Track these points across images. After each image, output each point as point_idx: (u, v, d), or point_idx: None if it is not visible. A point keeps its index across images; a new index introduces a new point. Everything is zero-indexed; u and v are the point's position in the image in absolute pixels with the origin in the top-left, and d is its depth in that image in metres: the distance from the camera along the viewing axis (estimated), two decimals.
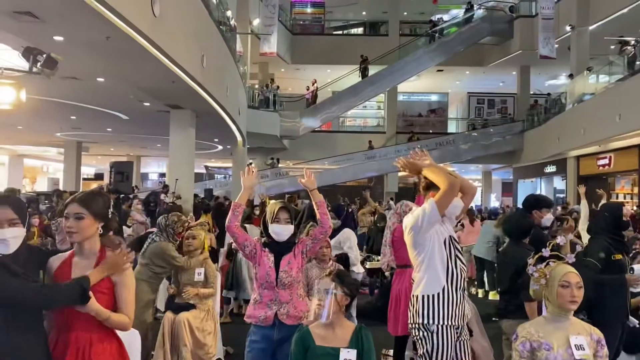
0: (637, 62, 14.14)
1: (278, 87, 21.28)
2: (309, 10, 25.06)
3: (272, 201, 3.61)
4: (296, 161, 23.22)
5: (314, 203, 3.32)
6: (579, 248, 2.53)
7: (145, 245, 4.88)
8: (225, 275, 6.98)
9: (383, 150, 22.33)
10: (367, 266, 8.22)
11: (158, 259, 4.71)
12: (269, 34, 18.71)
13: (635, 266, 4.01)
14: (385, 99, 25.18)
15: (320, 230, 3.27)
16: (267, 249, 3.21)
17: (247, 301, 6.54)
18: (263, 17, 18.98)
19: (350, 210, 11.30)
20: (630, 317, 4.13)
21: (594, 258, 3.96)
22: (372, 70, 21.85)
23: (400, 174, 20.39)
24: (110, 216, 2.48)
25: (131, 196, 10.61)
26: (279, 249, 3.20)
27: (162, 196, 11.38)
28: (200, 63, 9.34)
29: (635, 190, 16.16)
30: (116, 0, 5.51)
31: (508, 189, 26.96)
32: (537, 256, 2.54)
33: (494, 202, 26.83)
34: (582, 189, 7.95)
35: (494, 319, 6.02)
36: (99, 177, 29.22)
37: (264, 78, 22.23)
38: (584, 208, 7.68)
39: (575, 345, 2.42)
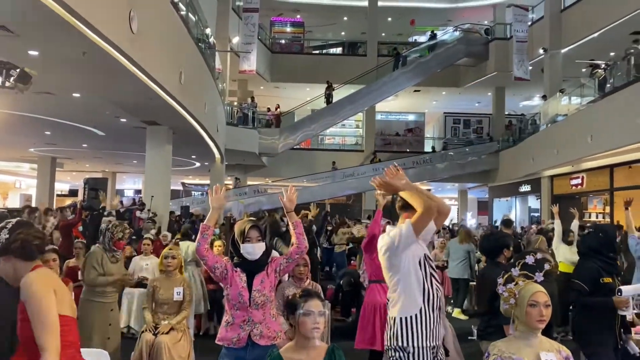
0: (608, 85, 14.49)
1: (278, 106, 21.30)
2: (288, 29, 25.29)
3: (240, 220, 3.55)
4: (275, 178, 23.20)
5: (290, 223, 3.27)
6: (547, 267, 2.56)
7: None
8: None
9: (361, 168, 22.46)
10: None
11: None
12: (248, 52, 18.82)
13: (623, 288, 3.87)
14: (364, 117, 25.42)
15: (295, 250, 3.23)
16: (238, 269, 3.15)
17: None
18: (242, 35, 19.10)
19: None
20: (631, 343, 4.01)
21: (581, 280, 3.93)
22: (352, 89, 22.06)
23: (377, 192, 20.49)
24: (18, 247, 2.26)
25: (105, 213, 10.43)
26: (251, 268, 3.15)
27: (138, 213, 11.25)
28: (178, 80, 9.33)
29: (607, 209, 16.49)
30: (93, 16, 5.49)
31: (484, 207, 27.28)
32: (506, 276, 2.57)
33: (470, 221, 27.10)
34: (555, 209, 8.10)
35: (469, 337, 6.07)
36: (73, 193, 28.73)
37: (243, 95, 22.28)
38: (557, 227, 7.82)
39: None
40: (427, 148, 26.51)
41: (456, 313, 8.60)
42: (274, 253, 4.21)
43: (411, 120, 28.70)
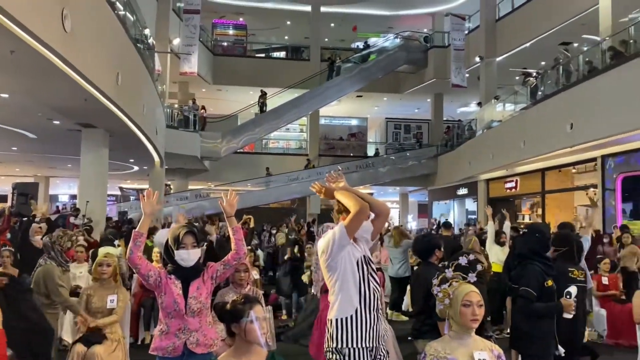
0: (539, 92, 15.21)
1: (204, 107, 20.95)
2: (231, 32, 25.05)
3: (174, 225, 3.46)
4: (217, 183, 22.86)
5: (229, 228, 3.22)
6: (479, 267, 2.65)
7: (34, 272, 4.60)
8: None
9: (306, 172, 22.51)
10: None
11: (42, 286, 4.44)
12: (189, 54, 18.48)
13: (572, 289, 3.80)
14: (308, 122, 25.52)
15: (234, 256, 3.17)
16: (173, 276, 3.06)
17: None
18: (183, 37, 18.74)
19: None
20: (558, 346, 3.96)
21: (529, 286, 3.80)
22: (295, 93, 22.09)
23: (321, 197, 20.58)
24: None
25: (37, 219, 9.93)
26: (186, 275, 3.07)
27: (72, 219, 10.80)
28: (115, 81, 9.04)
29: (539, 211, 17.27)
30: (22, 13, 5.23)
31: (424, 210, 27.97)
32: (440, 277, 2.64)
33: (411, 223, 27.70)
34: (489, 210, 8.39)
35: (409, 338, 6.17)
36: (1, 199, 27.22)
37: (184, 98, 21.85)
38: (490, 228, 8.12)
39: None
40: (370, 152, 26.92)
41: (396, 315, 8.73)
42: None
43: (354, 125, 29.08)
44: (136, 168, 19.12)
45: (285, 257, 8.72)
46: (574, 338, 4.23)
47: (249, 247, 6.69)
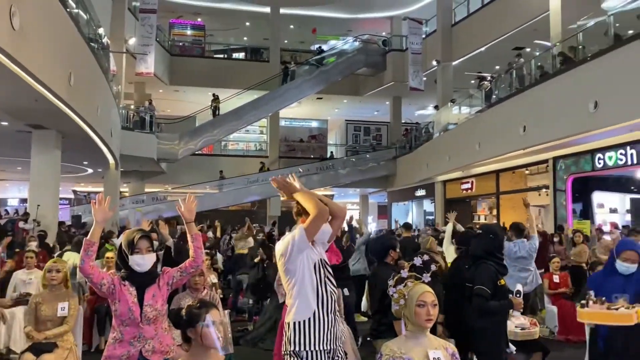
0: (493, 96, 15.60)
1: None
2: (188, 32, 24.71)
3: (128, 230, 3.36)
4: (175, 185, 22.48)
5: (189, 235, 3.14)
6: (434, 267, 2.69)
7: None
8: None
9: (266, 174, 22.40)
10: None
11: None
12: (145, 54, 18.12)
13: (520, 288, 3.98)
14: (268, 123, 25.43)
15: (192, 264, 3.11)
16: (127, 283, 2.98)
17: None
18: (139, 37, 18.37)
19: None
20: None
21: (484, 285, 3.90)
22: (255, 94, 21.97)
23: (282, 197, 20.53)
24: None
25: None
26: (141, 281, 3.00)
27: (21, 224, 10.41)
28: (67, 81, 8.77)
29: (495, 212, 17.71)
30: None
31: (383, 211, 28.27)
32: (396, 277, 2.67)
33: (371, 224, 27.94)
34: (452, 215, 8.52)
35: (368, 338, 6.22)
36: None
37: (141, 99, 21.41)
38: (448, 229, 8.27)
39: (434, 358, 2.57)
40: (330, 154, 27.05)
41: (355, 316, 8.77)
42: None
43: (314, 127, 29.15)
44: (90, 170, 18.61)
45: (256, 260, 8.61)
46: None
47: (206, 251, 6.60)
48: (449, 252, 7.81)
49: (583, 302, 3.52)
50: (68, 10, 9.03)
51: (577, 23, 13.41)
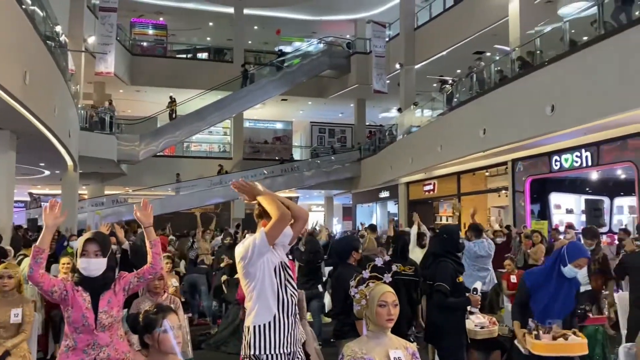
0: (455, 99, 15.89)
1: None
2: (150, 31, 24.28)
3: (86, 233, 3.26)
4: (136, 187, 22.03)
5: (147, 241, 3.07)
6: (394, 268, 2.71)
7: None
8: None
9: (229, 176, 22.19)
10: None
11: None
12: (105, 53, 17.71)
13: (478, 285, 4.14)
14: (232, 125, 25.21)
15: (150, 270, 3.04)
16: (80, 288, 2.88)
17: None
18: (99, 35, 17.95)
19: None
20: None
21: (444, 282, 4.06)
22: (218, 95, 21.76)
23: (244, 200, 20.36)
24: None
25: None
26: (95, 286, 2.90)
27: None
28: (22, 80, 8.48)
29: (457, 213, 18.00)
30: None
31: (348, 213, 28.41)
32: (358, 278, 2.68)
33: (336, 226, 28.06)
34: (416, 217, 8.64)
35: (332, 340, 6.23)
36: None
37: (100, 99, 20.91)
38: (413, 231, 8.38)
39: (394, 358, 2.59)
40: (295, 156, 27.01)
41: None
42: None
43: (279, 129, 29.07)
44: (47, 172, 18.06)
45: (222, 265, 8.52)
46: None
47: (168, 254, 6.50)
48: (414, 255, 7.93)
49: (535, 332, 3.54)
50: (23, 7, 8.74)
51: (534, 29, 13.79)
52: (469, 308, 4.12)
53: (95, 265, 2.89)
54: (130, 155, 19.80)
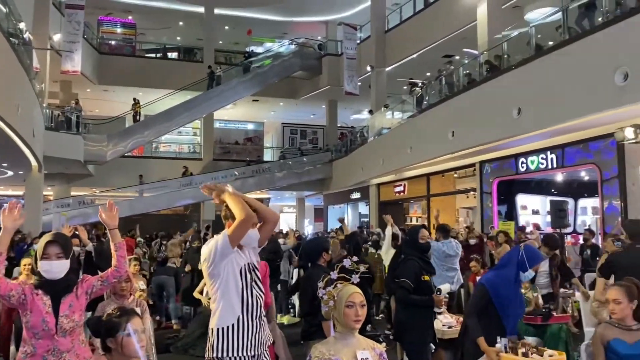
0: (424, 102, 16.06)
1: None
2: (118, 30, 23.85)
3: (46, 235, 3.18)
4: (103, 188, 21.58)
5: (112, 244, 3.00)
6: (362, 269, 2.73)
7: None
8: None
9: (199, 177, 21.95)
10: None
11: None
12: (71, 52, 17.33)
13: (442, 287, 4.28)
14: (202, 125, 24.96)
15: (114, 273, 2.96)
16: (40, 291, 2.78)
17: None
18: (65, 33, 17.55)
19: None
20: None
21: (407, 278, 4.19)
22: (188, 95, 21.52)
23: (215, 202, 20.15)
24: None
25: None
26: (56, 290, 2.80)
27: None
28: None
29: (426, 214, 18.23)
30: None
31: (320, 214, 28.44)
32: (326, 279, 2.68)
33: (308, 227, 28.07)
34: (389, 219, 8.69)
35: (301, 342, 6.22)
36: None
37: (67, 98, 20.44)
38: (388, 232, 8.45)
39: (362, 359, 2.60)
40: (267, 157, 26.89)
41: (282, 318, 8.76)
42: None
43: (250, 130, 28.91)
44: (10, 173, 17.54)
45: (186, 270, 8.44)
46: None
47: (135, 256, 6.39)
48: (388, 256, 7.98)
49: (509, 350, 3.53)
50: None
51: (502, 33, 14.05)
52: (435, 309, 4.20)
53: (57, 268, 2.81)
54: (98, 155, 19.41)
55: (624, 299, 3.22)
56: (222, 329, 2.95)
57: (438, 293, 4.12)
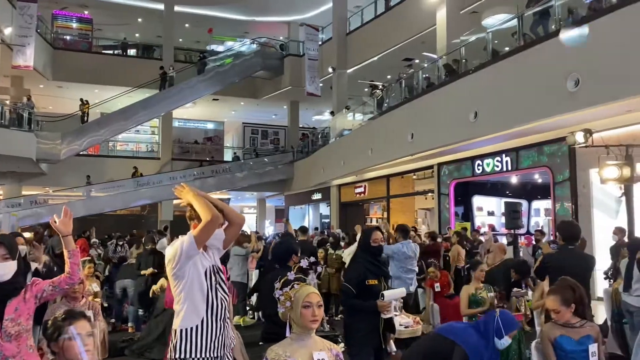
0: (385, 104, 16.23)
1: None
2: (74, 25, 23.18)
3: None
4: (57, 188, 20.89)
5: (65, 251, 2.90)
6: (319, 269, 2.73)
7: None
8: None
9: (157, 176, 21.54)
10: None
11: None
12: (23, 46, 16.74)
13: (386, 292, 4.05)
14: (160, 124, 24.50)
15: (67, 280, 2.86)
16: None
17: None
18: (17, 27, 16.94)
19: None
20: (391, 343, 4.30)
21: (349, 283, 4.08)
22: (146, 93, 21.09)
23: (175, 201, 19.86)
24: None
25: None
26: (3, 292, 2.70)
27: None
28: None
29: (386, 215, 18.43)
30: None
31: (281, 215, 28.35)
32: (283, 280, 2.66)
33: (268, 228, 27.93)
34: (358, 228, 8.67)
35: (260, 343, 6.18)
36: None
37: (18, 94, 19.72)
38: (359, 233, 8.47)
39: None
40: (227, 157, 26.62)
41: (239, 320, 8.67)
42: None
43: (210, 129, 28.57)
44: None
45: (143, 273, 8.26)
46: None
47: (88, 258, 6.22)
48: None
49: None
50: None
51: (460, 38, 14.34)
52: (382, 315, 4.05)
53: (3, 270, 2.70)
54: (51, 154, 18.81)
55: (561, 307, 3.38)
56: (186, 329, 2.93)
57: (381, 298, 3.93)
